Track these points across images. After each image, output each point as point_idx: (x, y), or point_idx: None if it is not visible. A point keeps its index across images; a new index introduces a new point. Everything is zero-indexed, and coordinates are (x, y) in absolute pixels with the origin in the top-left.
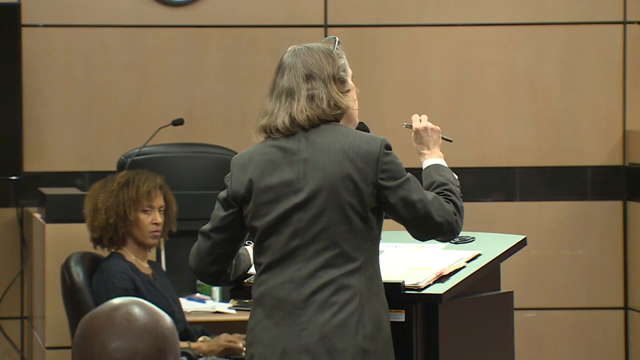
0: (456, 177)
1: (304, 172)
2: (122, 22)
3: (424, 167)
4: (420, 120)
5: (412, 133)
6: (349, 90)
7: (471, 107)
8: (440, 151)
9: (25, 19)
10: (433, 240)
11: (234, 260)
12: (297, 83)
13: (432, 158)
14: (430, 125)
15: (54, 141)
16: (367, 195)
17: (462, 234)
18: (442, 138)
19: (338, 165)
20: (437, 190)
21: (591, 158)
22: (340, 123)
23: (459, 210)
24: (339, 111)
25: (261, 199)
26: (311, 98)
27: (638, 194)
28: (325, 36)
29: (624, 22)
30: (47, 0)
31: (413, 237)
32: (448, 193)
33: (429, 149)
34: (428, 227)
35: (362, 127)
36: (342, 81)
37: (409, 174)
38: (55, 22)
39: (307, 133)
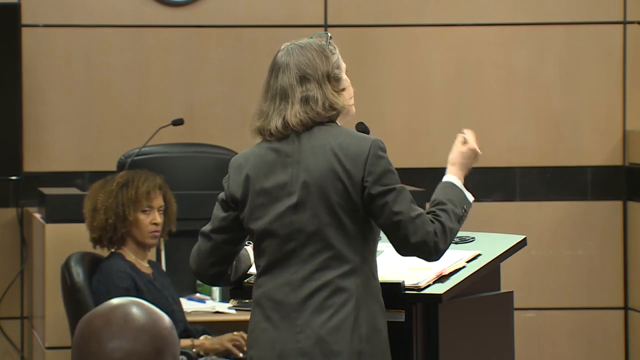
0: (471, 199)
1: (297, 174)
2: (122, 22)
3: (441, 182)
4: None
5: (460, 140)
6: (344, 89)
7: (471, 107)
8: (466, 177)
9: (25, 19)
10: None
11: (234, 262)
12: (290, 85)
13: (452, 176)
14: (479, 152)
15: (54, 141)
16: (355, 196)
17: (462, 234)
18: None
19: (327, 166)
20: (432, 208)
21: (591, 158)
22: (337, 121)
23: (444, 232)
24: (334, 112)
25: (256, 201)
26: (305, 100)
27: (638, 194)
28: None
29: (624, 22)
30: (47, 0)
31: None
32: (439, 213)
33: (454, 165)
34: (403, 243)
35: (362, 127)
36: (337, 79)
37: (398, 185)
38: (55, 22)
39: (301, 135)
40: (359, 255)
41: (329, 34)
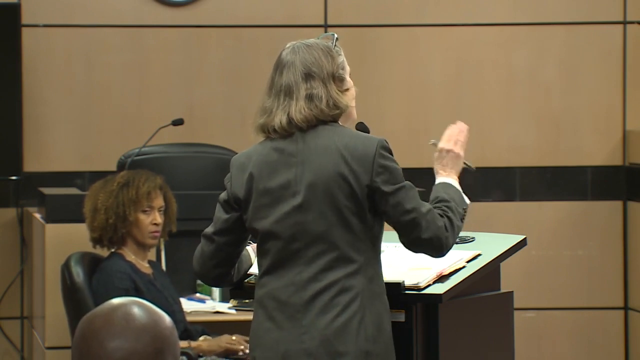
0: (468, 202)
1: (301, 174)
2: (122, 22)
3: (435, 184)
4: (449, 141)
5: (436, 151)
6: (348, 89)
7: (471, 107)
8: (458, 177)
9: (25, 19)
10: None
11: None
12: (295, 82)
13: (446, 177)
14: (455, 149)
15: (54, 141)
16: (362, 196)
17: (462, 234)
18: (464, 163)
19: (333, 167)
20: (436, 204)
21: (591, 158)
22: (339, 122)
23: (452, 227)
24: (338, 111)
25: (260, 201)
26: (310, 98)
27: (638, 194)
28: None
29: (624, 22)
30: (47, 0)
31: (402, 244)
32: (446, 209)
33: (444, 170)
34: (416, 239)
35: (362, 126)
36: (341, 80)
37: (406, 182)
38: (55, 22)
39: (305, 134)
40: (364, 255)
41: (336, 36)
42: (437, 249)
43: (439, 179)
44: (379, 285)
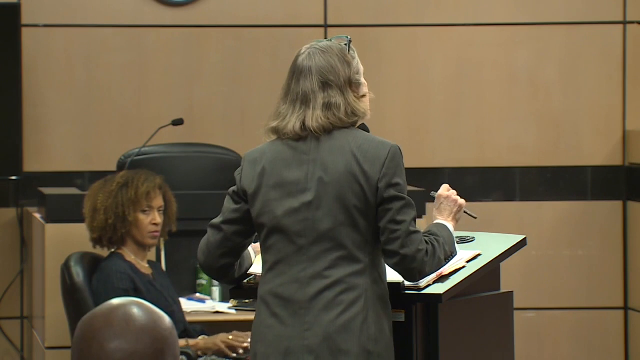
0: (457, 250)
1: (313, 172)
2: (122, 22)
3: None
4: (448, 190)
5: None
6: (364, 95)
7: (471, 107)
8: (456, 224)
9: (25, 19)
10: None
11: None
12: (312, 91)
13: (442, 221)
14: (453, 196)
15: (54, 141)
16: (371, 197)
17: (462, 234)
18: (465, 212)
19: (345, 166)
20: (426, 235)
21: (591, 158)
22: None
23: (433, 257)
24: (356, 118)
25: (269, 195)
26: (327, 106)
27: (638, 194)
28: (325, 36)
29: (624, 22)
30: (47, 0)
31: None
32: (433, 239)
33: (441, 215)
34: (392, 251)
35: (362, 127)
36: (358, 85)
37: (409, 198)
38: (55, 22)
39: (320, 137)
40: (369, 256)
41: (349, 37)
42: (411, 270)
43: (438, 220)
44: (383, 287)
